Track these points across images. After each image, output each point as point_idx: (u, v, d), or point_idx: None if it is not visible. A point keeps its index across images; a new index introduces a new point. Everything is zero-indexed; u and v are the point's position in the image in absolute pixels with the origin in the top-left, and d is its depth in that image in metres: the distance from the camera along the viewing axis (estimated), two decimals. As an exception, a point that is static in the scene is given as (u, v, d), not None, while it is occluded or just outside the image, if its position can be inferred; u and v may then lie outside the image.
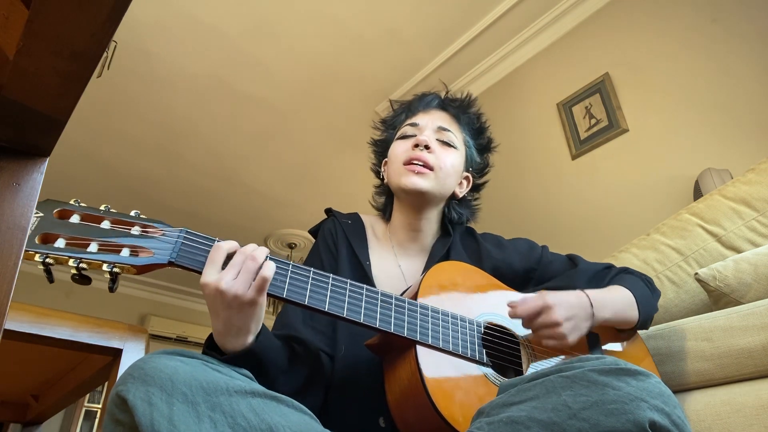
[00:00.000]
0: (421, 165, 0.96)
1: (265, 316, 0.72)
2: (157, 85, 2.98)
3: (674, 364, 0.94)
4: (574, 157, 2.26)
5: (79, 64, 0.39)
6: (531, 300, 0.81)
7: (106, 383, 1.25)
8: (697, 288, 1.14)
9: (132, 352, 1.13)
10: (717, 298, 1.02)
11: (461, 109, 1.09)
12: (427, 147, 0.97)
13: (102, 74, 2.54)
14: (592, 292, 0.86)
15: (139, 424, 0.53)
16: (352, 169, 3.53)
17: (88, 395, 4.35)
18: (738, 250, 1.14)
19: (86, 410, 4.38)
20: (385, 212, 1.10)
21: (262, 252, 0.69)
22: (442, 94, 1.12)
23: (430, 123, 1.03)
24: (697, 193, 1.68)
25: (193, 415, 0.54)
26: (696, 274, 1.07)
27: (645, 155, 2.01)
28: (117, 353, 1.12)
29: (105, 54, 2.50)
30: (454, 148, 1.02)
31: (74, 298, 4.16)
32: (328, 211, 1.08)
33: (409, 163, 0.97)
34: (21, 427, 1.67)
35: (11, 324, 0.98)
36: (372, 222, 1.09)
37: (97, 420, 4.26)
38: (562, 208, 2.26)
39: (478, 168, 1.11)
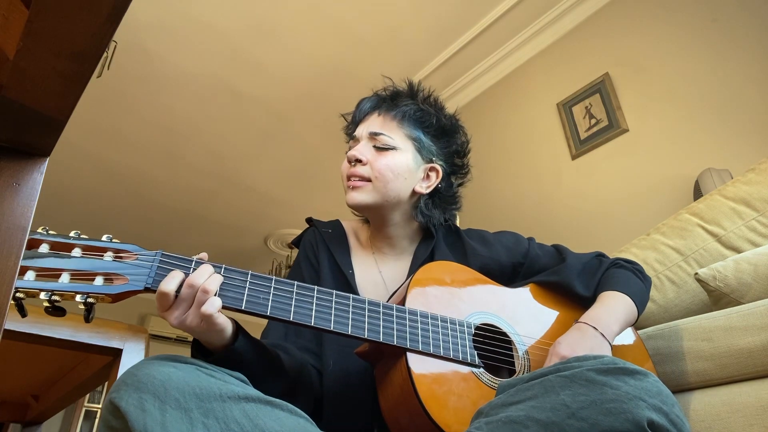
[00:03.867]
0: (357, 179, 0.94)
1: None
2: (157, 85, 2.98)
3: (674, 364, 0.94)
4: (574, 157, 2.26)
5: (79, 64, 0.39)
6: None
7: (106, 383, 1.25)
8: (697, 288, 1.14)
9: (132, 352, 1.13)
10: (717, 298, 1.02)
11: (395, 103, 0.99)
12: (358, 161, 0.94)
13: (102, 74, 2.54)
14: (593, 317, 0.84)
15: (132, 430, 0.53)
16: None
17: (88, 395, 4.35)
18: (738, 250, 1.14)
19: (86, 410, 4.39)
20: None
21: (214, 283, 0.65)
22: (387, 91, 1.04)
23: (364, 132, 0.98)
24: (697, 193, 1.68)
25: (186, 421, 0.54)
26: (696, 274, 1.06)
27: (645, 155, 2.01)
28: (117, 353, 1.13)
29: (105, 54, 2.51)
30: (392, 149, 0.95)
31: (74, 298, 4.16)
32: (309, 221, 1.06)
33: (348, 179, 0.96)
34: (21, 427, 1.67)
35: (11, 324, 0.98)
36: (355, 228, 1.07)
37: (96, 420, 4.26)
38: (562, 208, 2.25)
39: (446, 153, 1.02)
